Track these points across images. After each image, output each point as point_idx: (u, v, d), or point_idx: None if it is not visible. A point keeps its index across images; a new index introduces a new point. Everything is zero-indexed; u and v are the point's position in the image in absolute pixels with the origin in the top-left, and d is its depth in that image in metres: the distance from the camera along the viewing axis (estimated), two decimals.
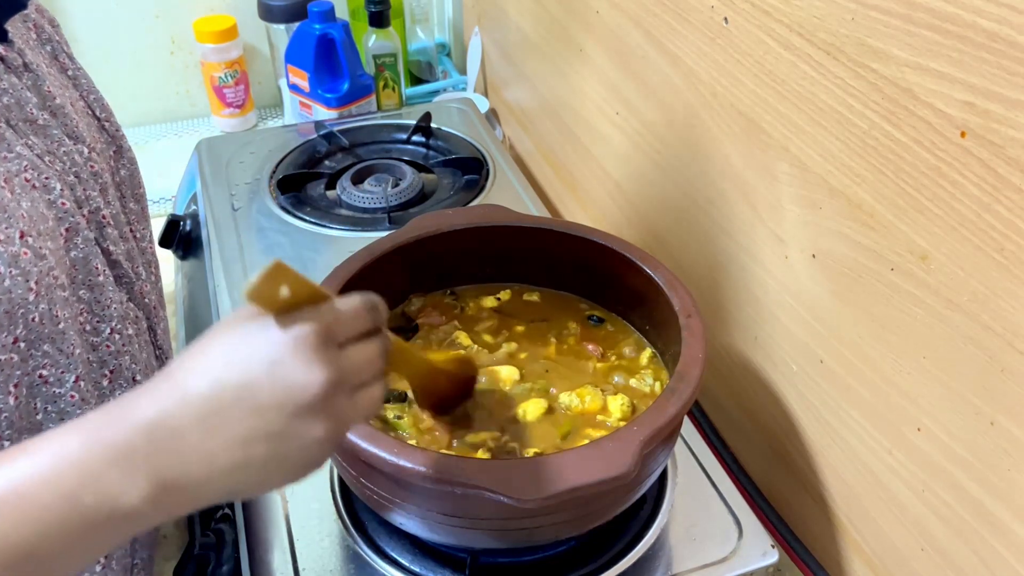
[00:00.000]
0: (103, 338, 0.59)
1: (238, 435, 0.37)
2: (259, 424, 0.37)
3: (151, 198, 1.24)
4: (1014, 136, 0.43)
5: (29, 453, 0.37)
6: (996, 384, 0.48)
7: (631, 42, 0.84)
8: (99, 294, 0.59)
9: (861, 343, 0.59)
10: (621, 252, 0.65)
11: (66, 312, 0.54)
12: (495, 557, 0.60)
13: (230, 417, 0.37)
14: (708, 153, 0.74)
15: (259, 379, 0.37)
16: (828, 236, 0.60)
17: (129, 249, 0.66)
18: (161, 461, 0.37)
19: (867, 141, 0.54)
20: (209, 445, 0.37)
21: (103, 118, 0.68)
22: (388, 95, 1.28)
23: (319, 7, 1.13)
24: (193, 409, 0.37)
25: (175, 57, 1.36)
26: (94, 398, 0.57)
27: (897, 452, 0.58)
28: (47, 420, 0.54)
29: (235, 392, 0.37)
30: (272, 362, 0.38)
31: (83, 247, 0.58)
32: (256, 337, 0.38)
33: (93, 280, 0.59)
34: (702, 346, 0.57)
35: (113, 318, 0.60)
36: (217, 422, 0.37)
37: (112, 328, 0.60)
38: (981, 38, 0.44)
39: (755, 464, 0.77)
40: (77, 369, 0.55)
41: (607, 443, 0.50)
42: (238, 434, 0.37)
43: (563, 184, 1.12)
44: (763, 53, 0.63)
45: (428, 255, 0.68)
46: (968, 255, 0.48)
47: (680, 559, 0.60)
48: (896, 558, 0.60)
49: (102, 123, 0.68)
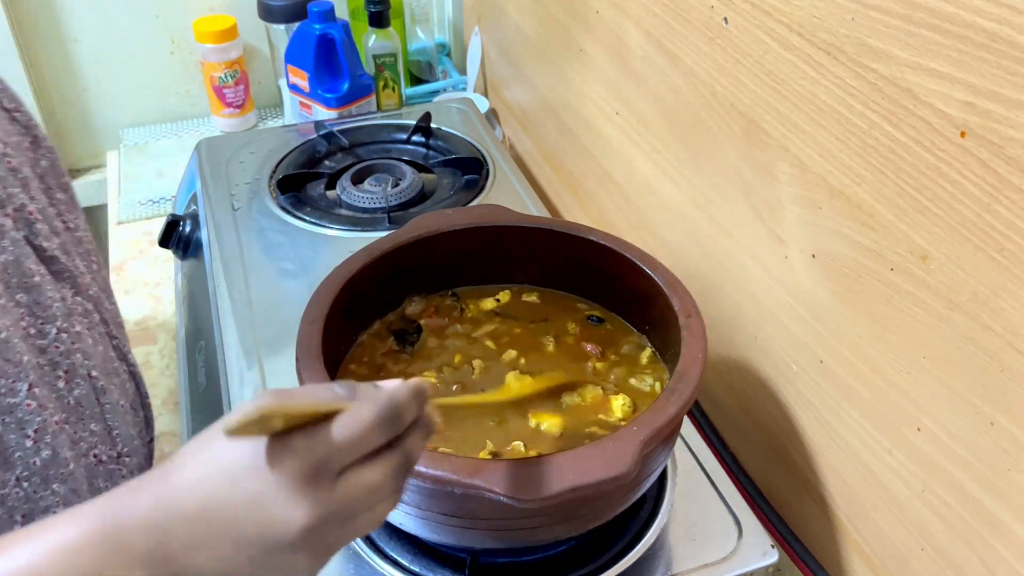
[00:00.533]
0: (50, 340, 0.57)
1: (223, 555, 0.38)
2: (240, 555, 0.38)
3: (151, 198, 1.25)
4: (1014, 136, 0.43)
5: (24, 544, 0.38)
6: (996, 384, 0.48)
7: (631, 42, 0.84)
8: (38, 295, 0.57)
9: (861, 343, 0.59)
10: (621, 252, 0.65)
11: (5, 320, 0.53)
12: (495, 557, 0.60)
13: (215, 538, 0.38)
14: (708, 153, 0.74)
15: (241, 513, 0.37)
16: (828, 236, 0.60)
17: (64, 242, 0.63)
18: (156, 557, 0.38)
19: (867, 141, 0.54)
20: (197, 557, 0.38)
21: (12, 108, 0.64)
22: (388, 95, 1.28)
23: (319, 7, 1.13)
24: (185, 523, 0.38)
25: (175, 57, 1.35)
26: (52, 402, 0.56)
27: (897, 452, 0.58)
28: (7, 432, 0.53)
29: (220, 519, 0.38)
30: (255, 497, 0.37)
31: (12, 249, 0.55)
32: (243, 469, 0.37)
33: (29, 282, 0.56)
34: (702, 346, 0.57)
35: (57, 317, 0.58)
36: (204, 540, 0.38)
37: (58, 328, 0.58)
38: (981, 38, 0.44)
39: (755, 464, 0.77)
40: (29, 376, 0.54)
41: (607, 443, 0.50)
42: (223, 555, 0.38)
43: (563, 184, 1.12)
44: (763, 53, 0.63)
45: (428, 255, 0.68)
46: (968, 255, 0.48)
47: (680, 559, 0.60)
48: (896, 558, 0.60)
49: (12, 114, 0.64)
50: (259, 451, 0.37)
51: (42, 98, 1.29)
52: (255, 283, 0.83)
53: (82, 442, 0.59)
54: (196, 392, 0.81)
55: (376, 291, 0.66)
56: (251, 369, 0.74)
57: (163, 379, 0.95)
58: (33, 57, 1.27)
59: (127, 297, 1.07)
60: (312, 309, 0.59)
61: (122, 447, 0.63)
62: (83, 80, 1.32)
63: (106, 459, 0.61)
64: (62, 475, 0.55)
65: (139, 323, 1.03)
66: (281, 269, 0.86)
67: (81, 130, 1.36)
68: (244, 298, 0.82)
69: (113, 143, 1.37)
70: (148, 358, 0.98)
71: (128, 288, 1.09)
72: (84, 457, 0.59)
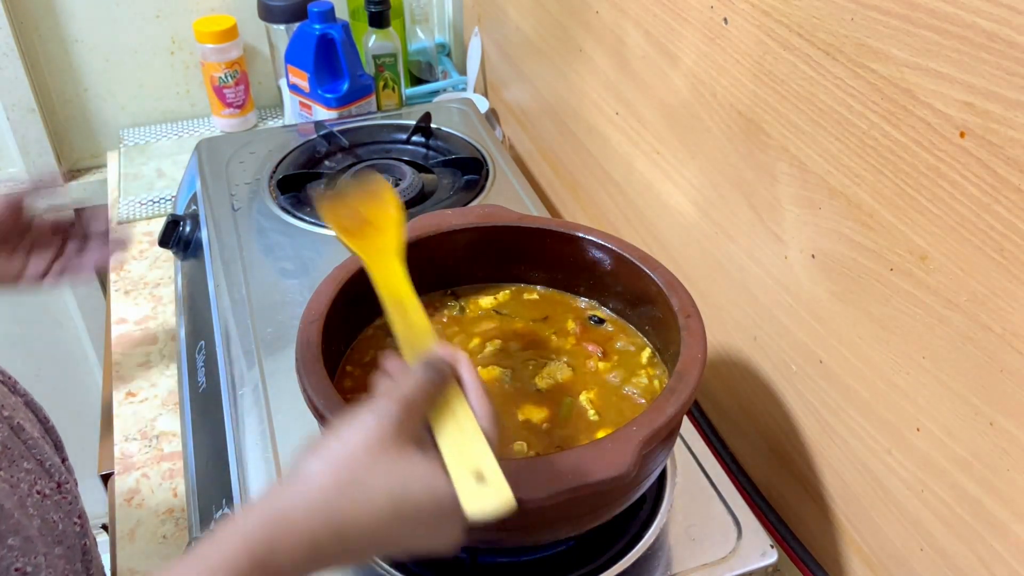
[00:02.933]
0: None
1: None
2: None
3: (151, 198, 1.25)
4: (1013, 136, 0.43)
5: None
6: (995, 384, 0.48)
7: (631, 42, 0.84)
8: None
9: (860, 343, 0.59)
10: (621, 252, 0.65)
11: None
12: (495, 557, 0.60)
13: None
14: (708, 153, 0.74)
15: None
16: (827, 236, 0.60)
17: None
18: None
19: (866, 141, 0.54)
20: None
21: None
22: (388, 95, 1.28)
23: (319, 7, 1.13)
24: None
25: (175, 57, 1.36)
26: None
27: (896, 452, 0.58)
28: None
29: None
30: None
31: None
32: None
33: None
34: (701, 346, 0.57)
35: None
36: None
37: None
38: (981, 38, 0.44)
39: (754, 464, 0.77)
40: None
41: (606, 443, 0.50)
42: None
43: (563, 184, 1.12)
44: (763, 53, 0.63)
45: (428, 255, 0.68)
46: (967, 255, 0.48)
47: (679, 559, 0.60)
48: (895, 558, 0.60)
49: None
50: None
51: (42, 98, 1.29)
52: (255, 283, 0.83)
53: (21, 483, 0.57)
54: (196, 392, 0.81)
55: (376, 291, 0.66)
56: (251, 369, 0.74)
57: (163, 379, 0.95)
58: (33, 57, 1.27)
59: (127, 297, 1.08)
60: (312, 309, 0.59)
61: (59, 477, 0.62)
62: (83, 80, 1.32)
63: (49, 492, 0.60)
64: (13, 527, 0.54)
65: (139, 323, 1.03)
66: (281, 269, 0.86)
67: (81, 130, 1.36)
68: (244, 298, 0.82)
69: (113, 143, 1.37)
70: (148, 358, 0.98)
71: (128, 288, 1.09)
72: (29, 497, 0.57)
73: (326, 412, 0.52)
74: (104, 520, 0.85)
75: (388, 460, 0.41)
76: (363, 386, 0.62)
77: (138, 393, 0.94)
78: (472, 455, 0.43)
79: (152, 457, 0.86)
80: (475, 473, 0.42)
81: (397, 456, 0.42)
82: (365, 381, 0.62)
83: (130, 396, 0.94)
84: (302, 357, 0.55)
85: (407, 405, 0.43)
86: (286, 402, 0.70)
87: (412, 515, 0.41)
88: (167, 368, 0.97)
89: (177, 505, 0.82)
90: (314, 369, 0.54)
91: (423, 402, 0.44)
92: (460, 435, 0.44)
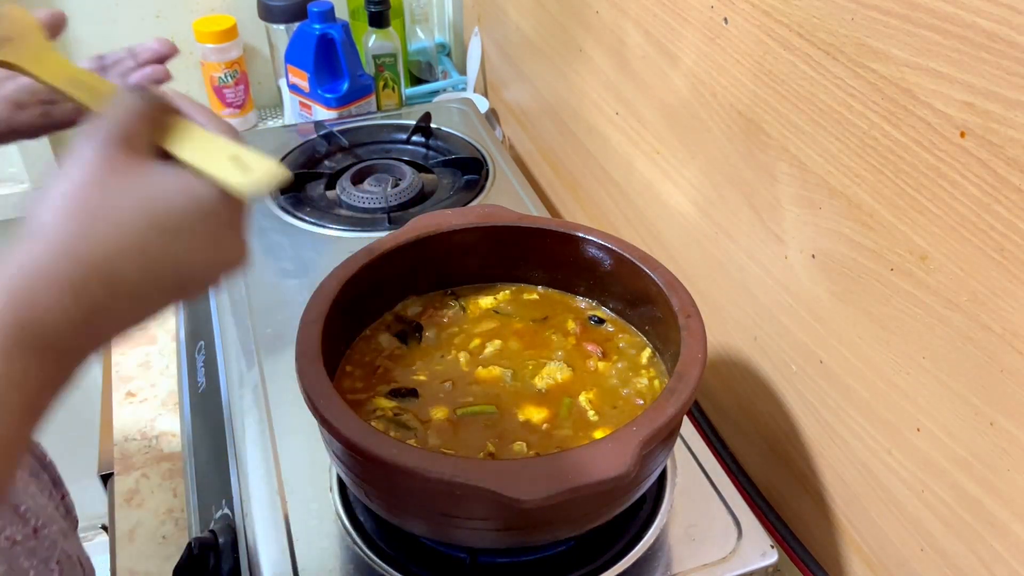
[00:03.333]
0: None
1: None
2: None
3: None
4: (1013, 136, 0.43)
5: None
6: (995, 384, 0.48)
7: (631, 42, 0.84)
8: None
9: (860, 343, 0.59)
10: (621, 252, 0.65)
11: None
12: (494, 557, 0.60)
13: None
14: (708, 153, 0.74)
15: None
16: (827, 236, 0.60)
17: None
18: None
19: (866, 141, 0.54)
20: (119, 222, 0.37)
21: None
22: (388, 95, 1.28)
23: (319, 7, 1.13)
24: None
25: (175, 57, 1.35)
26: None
27: (896, 452, 0.58)
28: None
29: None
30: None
31: None
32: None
33: None
34: (701, 346, 0.57)
35: None
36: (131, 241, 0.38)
37: None
38: (981, 38, 0.44)
39: (755, 464, 0.77)
40: None
41: (606, 443, 0.50)
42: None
43: (563, 184, 1.12)
44: (763, 53, 0.63)
45: (428, 255, 0.68)
46: (968, 255, 0.48)
47: (679, 559, 0.60)
48: (895, 558, 0.60)
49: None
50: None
51: None
52: (254, 283, 0.83)
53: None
54: (196, 392, 0.81)
55: (375, 291, 0.66)
56: (251, 369, 0.74)
57: (163, 379, 0.95)
58: None
59: None
60: (312, 309, 0.59)
61: (36, 522, 0.60)
62: None
63: (21, 538, 0.58)
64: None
65: None
66: (281, 269, 0.86)
67: None
68: (243, 298, 0.82)
69: None
70: (148, 358, 0.98)
71: None
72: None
73: (326, 412, 0.52)
74: (104, 520, 0.85)
75: (124, 178, 0.38)
76: (364, 387, 0.62)
77: (138, 393, 0.94)
78: (219, 150, 0.40)
79: (152, 457, 0.86)
80: (231, 160, 0.40)
81: (134, 172, 0.38)
82: (365, 381, 0.62)
83: (130, 396, 0.94)
84: (301, 357, 0.55)
85: (125, 124, 0.39)
86: (286, 402, 0.70)
87: (176, 225, 0.38)
88: (167, 368, 0.97)
89: (177, 505, 0.82)
90: (314, 369, 0.54)
91: (142, 120, 0.40)
92: (199, 141, 0.41)
